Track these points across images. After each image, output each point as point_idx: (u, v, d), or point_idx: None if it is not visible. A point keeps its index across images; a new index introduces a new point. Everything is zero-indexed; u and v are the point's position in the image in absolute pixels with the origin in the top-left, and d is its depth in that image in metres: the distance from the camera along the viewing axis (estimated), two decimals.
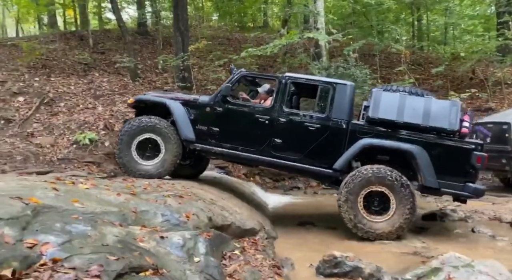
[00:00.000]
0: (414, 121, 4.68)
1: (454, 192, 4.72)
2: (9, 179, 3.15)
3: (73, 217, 2.57)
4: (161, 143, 5.17)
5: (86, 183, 3.60)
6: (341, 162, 4.81)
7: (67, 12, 19.66)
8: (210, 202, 4.33)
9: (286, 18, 9.84)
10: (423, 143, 4.69)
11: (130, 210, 3.13)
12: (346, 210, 4.63)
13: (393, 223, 4.57)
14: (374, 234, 4.57)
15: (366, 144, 4.76)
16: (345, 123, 4.90)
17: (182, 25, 10.45)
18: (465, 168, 4.63)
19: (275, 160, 5.05)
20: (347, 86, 5.03)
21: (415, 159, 4.65)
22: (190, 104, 5.29)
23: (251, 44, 13.91)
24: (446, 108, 4.71)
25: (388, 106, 4.74)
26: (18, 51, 12.05)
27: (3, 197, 2.45)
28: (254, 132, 5.10)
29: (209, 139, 5.21)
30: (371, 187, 4.60)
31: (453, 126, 4.64)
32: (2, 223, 2.11)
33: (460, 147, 4.67)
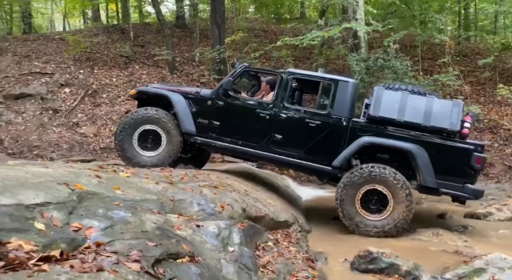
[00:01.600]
0: (415, 121, 4.65)
1: (453, 192, 4.69)
2: (57, 166, 3.34)
3: (115, 203, 2.68)
4: (162, 134, 5.18)
5: (127, 171, 3.74)
6: (340, 159, 4.80)
7: (110, 6, 20.38)
8: (244, 194, 4.37)
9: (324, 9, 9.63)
10: (423, 142, 4.65)
11: (167, 199, 3.23)
12: (344, 207, 4.63)
13: (389, 222, 4.54)
14: (370, 232, 4.55)
15: (366, 142, 4.75)
16: (345, 120, 4.89)
17: (219, 17, 10.53)
18: (464, 169, 4.59)
19: (275, 156, 5.06)
20: (349, 83, 5.00)
21: (414, 159, 4.62)
22: (192, 97, 5.30)
23: (287, 36, 13.79)
24: (447, 108, 4.66)
25: (389, 104, 4.71)
26: (64, 44, 12.66)
27: (51, 183, 2.60)
28: (254, 127, 5.11)
29: (210, 133, 5.22)
30: (369, 185, 4.58)
31: (454, 127, 4.59)
32: (51, 207, 2.24)
33: (460, 148, 4.63)
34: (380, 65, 8.34)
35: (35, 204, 2.17)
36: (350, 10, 8.91)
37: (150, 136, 5.20)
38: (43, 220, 2.07)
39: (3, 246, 1.62)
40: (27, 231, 1.89)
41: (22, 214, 2.03)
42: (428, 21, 12.57)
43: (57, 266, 1.63)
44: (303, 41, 7.58)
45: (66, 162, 3.85)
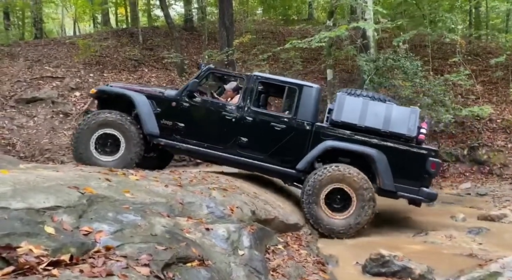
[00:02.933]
0: (375, 126, 4.81)
1: (410, 196, 4.84)
2: (67, 170, 3.35)
3: (124, 207, 2.68)
4: (121, 138, 4.98)
5: (136, 174, 3.74)
6: (304, 162, 4.88)
7: (119, 10, 20.59)
8: (253, 196, 4.35)
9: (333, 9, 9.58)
10: (382, 147, 4.80)
11: (177, 202, 3.22)
12: (309, 207, 4.70)
13: (352, 221, 4.63)
14: (334, 231, 4.63)
15: (329, 146, 4.86)
16: (309, 124, 4.97)
17: (227, 20, 10.54)
18: (420, 173, 4.76)
19: (241, 159, 5.07)
20: (313, 88, 5.08)
21: (374, 163, 4.74)
22: (156, 98, 5.19)
23: (295, 37, 13.75)
24: (405, 115, 4.85)
25: (351, 110, 4.86)
26: (75, 48, 12.81)
27: (62, 186, 2.61)
28: (220, 129, 5.09)
29: (174, 135, 5.14)
30: (334, 185, 4.67)
31: (411, 132, 4.77)
32: (61, 211, 2.24)
33: (417, 153, 4.80)
34: (389, 65, 8.26)
35: (46, 208, 2.17)
36: (358, 10, 8.85)
37: (109, 140, 5.02)
38: (53, 224, 2.07)
39: (13, 251, 1.62)
40: (38, 235, 1.89)
41: (33, 218, 2.03)
42: (438, 20, 12.41)
43: (66, 270, 1.63)
44: (312, 43, 7.54)
45: (76, 165, 3.87)
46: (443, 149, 9.09)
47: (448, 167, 8.99)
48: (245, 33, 13.57)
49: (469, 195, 7.68)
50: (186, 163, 8.93)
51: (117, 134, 4.95)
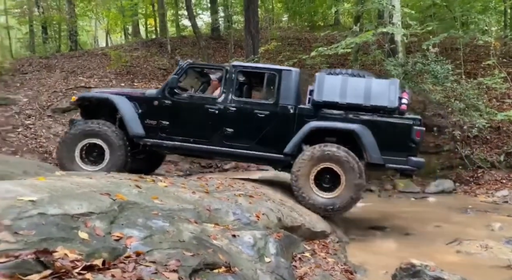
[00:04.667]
0: (356, 101, 4.84)
1: (398, 166, 4.88)
2: (99, 177, 3.48)
3: (153, 213, 2.74)
4: (105, 148, 4.94)
5: (165, 181, 3.83)
6: (290, 146, 4.92)
7: (149, 21, 21.25)
8: (279, 203, 4.34)
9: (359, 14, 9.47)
10: (366, 122, 4.84)
11: (204, 208, 3.27)
12: (299, 188, 4.75)
13: (340, 200, 4.70)
14: (323, 209, 4.71)
15: (313, 127, 4.88)
16: (292, 108, 4.99)
17: (253, 28, 10.65)
18: (406, 143, 4.78)
19: (228, 149, 5.09)
20: (292, 72, 5.10)
21: (359, 138, 4.77)
22: (137, 99, 5.18)
23: (321, 43, 13.68)
24: (385, 87, 4.87)
25: (331, 88, 4.88)
26: (107, 59, 13.31)
27: (94, 193, 2.71)
28: (204, 123, 5.09)
29: (160, 133, 5.13)
30: (323, 164, 4.71)
31: (393, 104, 4.79)
32: (94, 216, 2.33)
33: (401, 124, 4.83)
34: (419, 69, 8.06)
35: (79, 214, 2.26)
36: (386, 14, 8.71)
37: (95, 149, 5.00)
38: (87, 229, 2.15)
39: (50, 255, 1.70)
40: (72, 240, 1.97)
41: (68, 223, 2.12)
42: (470, 22, 12.02)
43: (99, 275, 1.69)
44: (338, 50, 7.48)
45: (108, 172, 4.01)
46: (477, 155, 8.75)
47: (483, 174, 8.63)
48: (270, 40, 13.66)
49: (506, 203, 7.33)
50: (212, 169, 9.04)
51: (100, 143, 4.94)
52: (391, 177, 8.43)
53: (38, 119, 8.94)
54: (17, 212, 1.97)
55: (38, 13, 17.53)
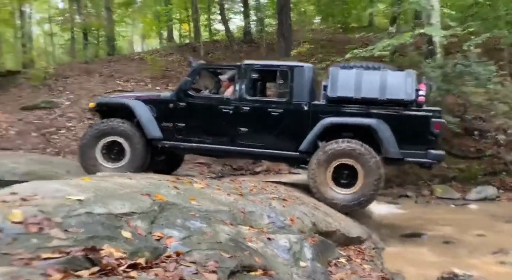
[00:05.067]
0: (372, 96, 4.74)
1: (417, 160, 4.79)
2: (139, 178, 3.60)
3: (191, 214, 2.81)
4: (125, 145, 5.03)
5: (201, 183, 3.90)
6: (306, 143, 4.88)
7: (183, 26, 21.75)
8: (313, 207, 4.31)
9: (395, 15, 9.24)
10: (382, 116, 4.75)
11: (238, 210, 3.30)
12: (316, 184, 4.73)
13: (358, 195, 4.66)
14: (340, 206, 4.67)
15: (328, 123, 4.82)
16: (306, 104, 4.95)
17: (285, 30, 10.67)
18: (425, 135, 4.67)
19: (243, 149, 5.09)
20: (305, 68, 5.07)
21: (376, 133, 4.69)
22: (153, 102, 5.24)
23: (355, 45, 13.46)
24: (401, 79, 4.76)
25: (345, 83, 4.80)
26: (143, 64, 13.74)
27: (136, 193, 2.81)
28: (219, 123, 5.11)
29: (176, 135, 5.17)
30: (339, 160, 4.67)
31: (410, 96, 4.68)
32: (136, 216, 2.41)
33: (419, 116, 4.73)
34: (459, 71, 7.74)
35: (122, 214, 2.35)
36: (424, 14, 8.44)
37: (116, 147, 5.11)
38: (129, 228, 2.23)
39: (97, 252, 1.77)
40: (116, 239, 2.05)
41: (112, 222, 2.21)
42: None
43: (143, 273, 1.74)
44: (374, 52, 7.33)
45: (147, 174, 4.14)
46: None
47: None
48: (303, 42, 13.58)
49: None
50: (244, 172, 9.09)
51: (120, 141, 5.05)
52: (428, 182, 8.14)
53: (78, 122, 9.35)
54: (66, 210, 2.07)
55: (79, 20, 18.35)
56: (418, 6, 8.11)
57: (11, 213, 1.85)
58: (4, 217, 1.80)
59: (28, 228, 1.79)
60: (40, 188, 2.41)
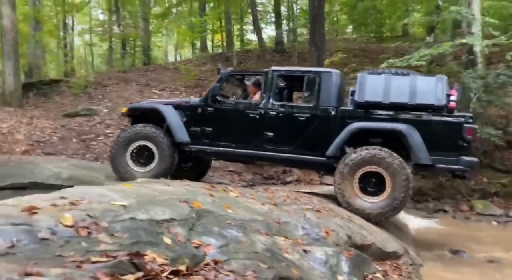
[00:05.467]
0: (401, 100, 4.67)
1: (449, 167, 4.66)
2: (177, 184, 3.68)
3: (227, 222, 2.83)
4: (154, 149, 5.14)
5: (235, 191, 3.93)
6: (333, 148, 4.83)
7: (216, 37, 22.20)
8: (347, 219, 4.23)
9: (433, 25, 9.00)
10: (412, 121, 4.67)
11: (273, 220, 3.29)
12: (342, 191, 4.65)
13: (387, 203, 4.54)
14: (367, 214, 4.57)
15: (355, 128, 4.76)
16: (333, 110, 4.93)
17: (318, 40, 10.64)
18: (456, 142, 4.57)
19: (269, 154, 5.08)
20: (332, 73, 5.08)
21: (405, 138, 4.60)
22: (182, 107, 5.35)
23: (389, 55, 13.23)
24: (431, 84, 4.67)
25: (373, 88, 4.75)
26: (177, 73, 14.11)
27: (174, 200, 2.87)
28: (246, 128, 5.15)
29: (204, 139, 5.24)
30: (366, 167, 4.58)
31: (440, 101, 4.59)
32: (176, 223, 2.46)
33: (450, 122, 4.63)
34: (501, 82, 7.42)
35: (163, 220, 2.41)
36: (464, 24, 8.18)
37: (145, 152, 5.22)
38: (170, 235, 2.28)
39: (141, 258, 1.82)
40: (158, 245, 2.10)
41: (154, 228, 2.27)
42: None
43: None
44: (410, 61, 7.17)
45: (183, 181, 4.23)
46: None
47: None
48: (335, 52, 13.51)
49: None
50: (274, 181, 9.07)
51: (150, 145, 5.17)
52: (468, 197, 7.79)
53: (116, 129, 9.69)
54: (112, 215, 2.15)
55: (118, 30, 19.14)
56: (459, 15, 7.87)
57: (62, 216, 1.93)
58: (57, 220, 1.88)
59: (78, 231, 1.86)
60: (86, 193, 2.51)
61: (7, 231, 1.66)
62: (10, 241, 1.62)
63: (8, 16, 9.14)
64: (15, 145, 6.88)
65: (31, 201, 2.17)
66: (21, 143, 7.01)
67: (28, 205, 2.03)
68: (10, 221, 1.75)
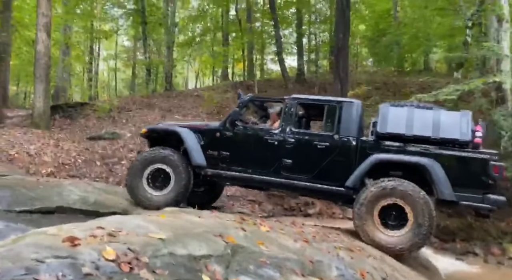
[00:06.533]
0: (424, 134, 4.58)
1: (473, 204, 4.49)
2: (206, 216, 3.60)
3: (261, 260, 2.71)
4: (171, 173, 5.11)
5: (265, 225, 3.82)
6: (353, 179, 4.71)
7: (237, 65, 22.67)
8: (380, 260, 4.04)
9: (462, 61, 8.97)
10: (435, 155, 4.55)
11: (307, 259, 3.15)
12: (361, 224, 4.52)
13: (409, 238, 4.40)
14: (391, 249, 4.42)
15: (377, 159, 4.64)
16: (354, 140, 4.85)
17: (342, 72, 10.69)
18: (482, 179, 4.44)
19: (286, 181, 4.99)
20: (354, 103, 5.03)
21: (428, 172, 4.47)
22: (201, 131, 5.34)
23: (412, 89, 13.17)
24: (456, 119, 4.59)
25: (396, 120, 4.69)
26: (199, 99, 14.32)
27: (208, 233, 2.79)
28: (263, 153, 5.09)
29: (220, 164, 5.19)
30: (387, 200, 4.46)
31: (465, 136, 4.50)
32: (213, 260, 2.37)
33: (475, 158, 4.49)
34: None
35: (201, 256, 2.32)
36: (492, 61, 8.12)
37: (161, 175, 5.19)
38: (208, 273, 2.19)
39: None
40: None
41: (192, 265, 2.18)
42: None
43: None
44: (438, 97, 7.10)
45: (212, 212, 4.14)
46: None
47: None
48: (357, 84, 13.54)
49: None
50: (295, 213, 8.87)
51: (166, 169, 5.13)
52: (500, 240, 7.42)
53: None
54: (152, 250, 2.07)
55: (144, 57, 19.72)
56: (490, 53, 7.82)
57: (104, 249, 1.87)
58: (99, 253, 1.82)
59: (121, 266, 1.79)
60: (123, 223, 2.46)
61: (52, 264, 1.60)
62: (56, 276, 1.56)
63: (43, 41, 9.53)
64: (42, 167, 6.95)
65: (70, 231, 2.12)
66: (47, 165, 7.09)
67: (69, 235, 1.98)
68: (54, 254, 1.69)
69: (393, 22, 16.31)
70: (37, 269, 1.49)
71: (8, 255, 1.54)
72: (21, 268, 1.46)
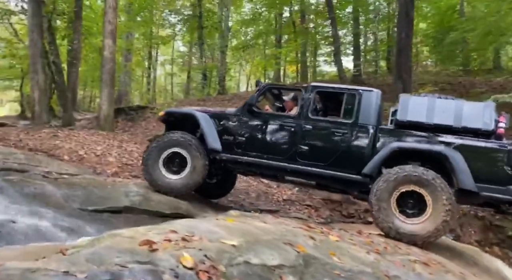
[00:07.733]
0: (446, 122, 4.46)
1: (496, 196, 4.25)
2: (270, 221, 3.48)
3: (335, 272, 2.54)
4: (187, 156, 5.08)
5: (333, 234, 3.62)
6: (371, 166, 4.55)
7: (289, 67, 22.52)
8: (460, 277, 3.65)
9: None
10: (456, 144, 4.37)
11: (382, 273, 2.91)
12: (379, 213, 4.33)
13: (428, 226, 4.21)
14: (407, 237, 4.26)
15: (396, 147, 4.49)
16: (372, 127, 4.72)
17: (404, 72, 10.14)
18: (505, 170, 4.25)
19: (302, 167, 4.85)
20: (374, 92, 4.88)
21: (448, 161, 4.28)
22: (218, 116, 5.29)
23: (482, 89, 12.18)
24: (479, 109, 4.45)
25: (416, 108, 4.57)
26: None
27: (278, 241, 2.66)
28: (280, 140, 5.05)
29: (235, 149, 5.14)
30: (406, 187, 4.29)
31: (488, 126, 4.35)
32: (286, 270, 2.23)
33: (498, 149, 4.28)
34: None
35: (275, 266, 2.20)
36: None
37: (177, 159, 5.16)
38: None
39: None
40: None
41: (267, 275, 2.06)
42: None
43: None
44: None
45: (275, 217, 4.02)
46: None
47: None
48: (418, 85, 12.80)
49: None
50: (354, 219, 8.50)
51: (183, 153, 5.12)
52: None
53: None
54: (227, 258, 1.98)
55: (199, 62, 20.26)
56: None
57: (182, 256, 1.80)
58: (177, 260, 1.75)
59: (199, 275, 1.71)
60: (194, 227, 2.40)
61: (134, 270, 1.55)
62: None
63: (109, 48, 10.05)
64: (107, 167, 7.26)
65: (145, 234, 2.09)
66: (112, 165, 7.39)
67: (144, 239, 1.94)
68: (135, 259, 1.65)
69: (459, 19, 15.22)
70: (121, 274, 1.45)
71: (92, 258, 1.51)
72: (106, 272, 1.42)
